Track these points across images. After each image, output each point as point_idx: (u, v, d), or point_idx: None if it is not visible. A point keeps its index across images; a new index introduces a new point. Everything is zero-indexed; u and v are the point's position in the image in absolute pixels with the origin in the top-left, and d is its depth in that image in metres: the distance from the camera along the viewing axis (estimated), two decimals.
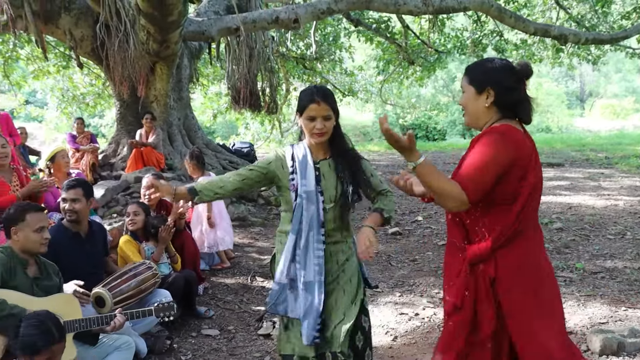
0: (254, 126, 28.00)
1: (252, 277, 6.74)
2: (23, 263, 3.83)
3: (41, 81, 18.59)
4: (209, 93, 22.52)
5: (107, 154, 11.51)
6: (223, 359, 4.77)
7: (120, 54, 9.77)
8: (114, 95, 12.31)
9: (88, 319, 3.83)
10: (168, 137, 11.53)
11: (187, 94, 13.13)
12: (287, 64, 18.85)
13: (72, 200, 4.61)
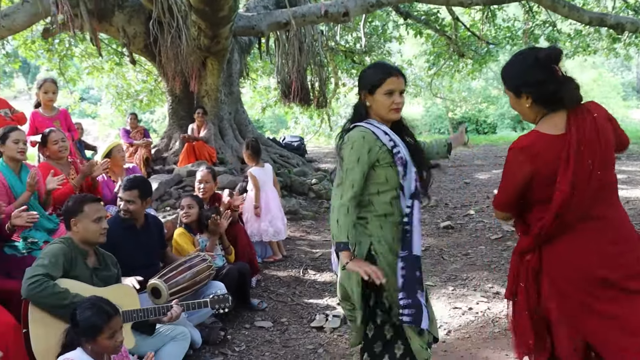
0: (303, 120, 28.04)
1: (304, 270, 6.76)
2: (83, 254, 3.92)
3: (96, 78, 18.94)
4: (258, 87, 22.63)
5: (160, 148, 11.70)
6: (276, 351, 4.79)
7: (173, 49, 9.91)
8: (166, 91, 12.50)
9: (146, 309, 3.90)
10: (219, 132, 11.66)
11: (238, 88, 13.24)
12: (335, 58, 18.80)
13: (127, 202, 4.71)
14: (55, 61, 15.94)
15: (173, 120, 12.06)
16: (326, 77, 16.29)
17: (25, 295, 3.59)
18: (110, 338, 3.10)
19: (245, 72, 14.41)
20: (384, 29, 18.91)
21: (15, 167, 5.04)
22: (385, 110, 3.09)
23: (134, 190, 4.72)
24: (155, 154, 11.31)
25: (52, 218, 5.18)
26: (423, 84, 26.23)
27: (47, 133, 5.65)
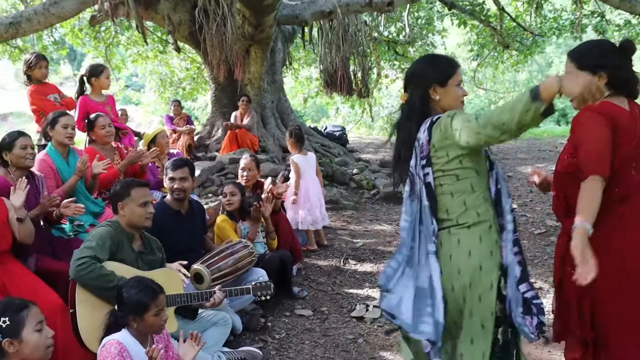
0: (345, 110, 28.01)
1: (345, 260, 6.75)
2: (129, 237, 3.98)
3: (140, 66, 19.17)
4: (300, 77, 22.64)
5: (202, 136, 11.80)
6: (316, 340, 4.80)
7: (218, 37, 9.96)
8: (209, 79, 12.58)
9: (189, 294, 3.94)
10: (261, 120, 11.71)
11: (281, 77, 13.27)
12: (378, 48, 18.68)
13: (180, 179, 4.77)
14: (101, 49, 16.17)
15: (216, 108, 12.15)
16: (369, 68, 16.20)
17: (73, 277, 3.66)
18: (157, 315, 3.15)
19: (288, 61, 14.43)
20: (428, 20, 18.72)
21: (63, 151, 5.12)
22: (456, 102, 2.91)
23: (184, 167, 4.82)
24: (198, 141, 11.41)
25: (98, 202, 5.27)
26: (466, 76, 25.94)
27: (95, 118, 5.72)
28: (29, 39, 15.14)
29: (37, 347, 2.70)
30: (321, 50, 13.83)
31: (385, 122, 30.31)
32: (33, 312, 2.75)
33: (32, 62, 6.53)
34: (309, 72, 22.49)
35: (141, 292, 3.15)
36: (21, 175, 4.52)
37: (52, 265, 4.41)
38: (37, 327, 2.72)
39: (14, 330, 2.66)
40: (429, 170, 2.74)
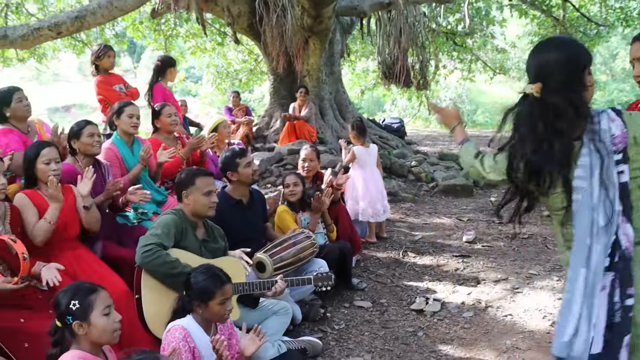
0: (401, 103, 27.84)
1: (404, 253, 6.69)
2: (193, 225, 4.02)
3: (198, 58, 19.41)
4: (357, 69, 22.58)
5: (261, 127, 11.88)
6: (376, 331, 4.77)
7: (278, 29, 9.98)
8: (268, 70, 12.64)
9: (251, 283, 3.96)
10: (320, 111, 11.71)
11: (339, 68, 13.24)
12: (436, 39, 18.46)
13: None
14: (160, 41, 16.42)
15: (274, 99, 12.21)
16: (427, 59, 16.04)
17: (139, 263, 3.72)
18: (221, 304, 3.17)
19: (346, 53, 14.38)
20: (487, 11, 18.39)
21: (128, 140, 5.21)
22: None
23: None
24: (256, 132, 11.49)
25: (161, 190, 5.34)
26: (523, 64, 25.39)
27: (161, 106, 5.81)
28: (92, 32, 15.49)
29: (104, 330, 2.75)
30: (379, 42, 13.74)
31: None
32: (102, 296, 2.80)
33: (100, 52, 6.68)
34: (365, 64, 22.40)
35: (208, 279, 3.18)
36: (88, 163, 4.62)
37: (117, 251, 4.51)
38: (105, 310, 2.76)
39: (83, 313, 2.71)
40: (625, 168, 2.31)
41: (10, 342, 3.41)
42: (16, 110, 4.86)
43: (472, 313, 5.04)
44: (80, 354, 2.70)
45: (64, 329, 2.77)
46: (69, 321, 2.71)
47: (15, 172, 4.58)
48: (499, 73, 22.26)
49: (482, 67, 21.67)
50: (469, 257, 6.46)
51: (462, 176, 10.15)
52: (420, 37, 14.11)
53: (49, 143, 4.20)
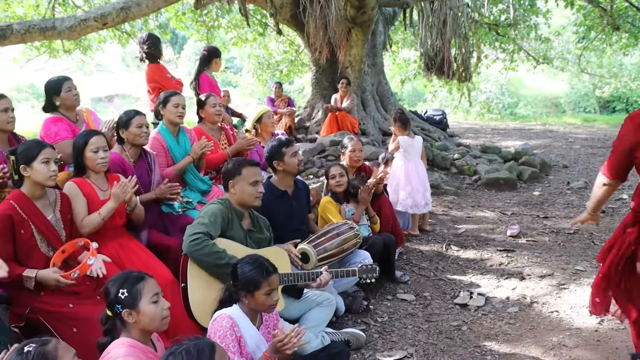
0: (442, 94, 27.55)
1: (447, 246, 6.63)
2: (239, 215, 4.03)
3: (239, 48, 19.48)
4: (398, 60, 22.41)
5: (303, 118, 11.88)
6: (419, 325, 4.73)
7: (321, 19, 9.94)
8: (310, 61, 12.62)
9: (296, 274, 3.95)
10: (361, 103, 11.66)
11: (381, 60, 13.16)
12: (479, 30, 18.20)
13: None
14: (202, 32, 16.51)
15: (316, 90, 12.18)
16: (470, 51, 15.83)
17: (186, 252, 3.74)
18: (268, 295, 3.16)
19: (389, 44, 14.27)
20: (532, 2, 18.04)
21: (174, 130, 5.24)
22: None
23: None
24: (298, 123, 11.49)
25: (206, 180, 5.36)
26: (571, 57, 24.90)
27: (207, 96, 5.83)
28: (136, 23, 15.67)
29: (153, 317, 2.77)
30: (422, 33, 13.61)
31: (482, 107, 29.64)
32: (150, 284, 2.82)
33: (154, 41, 6.87)
34: (406, 54, 22.22)
35: (255, 269, 3.17)
36: (136, 153, 4.67)
37: (162, 240, 4.55)
38: (154, 298, 2.78)
39: (132, 301, 2.73)
40: None
41: (60, 327, 3.48)
42: (65, 100, 4.93)
43: (517, 308, 4.96)
44: (131, 342, 2.73)
45: (115, 318, 2.80)
46: (119, 310, 2.74)
47: (64, 160, 4.64)
48: (542, 63, 21.80)
49: (525, 57, 21.30)
50: (513, 252, 6.36)
51: (505, 169, 10.02)
52: (463, 28, 13.92)
53: (97, 131, 4.24)
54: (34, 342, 2.21)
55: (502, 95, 32.74)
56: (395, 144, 6.93)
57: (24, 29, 10.70)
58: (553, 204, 8.52)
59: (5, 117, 4.45)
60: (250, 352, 3.13)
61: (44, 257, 3.70)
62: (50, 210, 3.80)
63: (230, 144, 5.98)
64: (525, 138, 15.63)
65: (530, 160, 10.62)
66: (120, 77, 44.07)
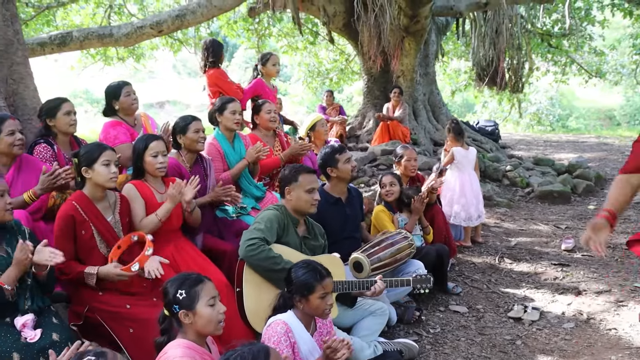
0: (492, 105, 27.27)
1: (500, 258, 6.53)
2: (294, 222, 4.04)
3: (289, 56, 19.62)
4: (448, 70, 22.27)
5: (353, 126, 11.88)
6: (472, 337, 4.66)
7: (375, 28, 9.93)
8: (362, 70, 12.63)
9: (350, 282, 3.94)
10: (413, 112, 11.62)
11: (433, 69, 13.10)
12: (531, 41, 17.92)
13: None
14: (253, 40, 16.68)
15: (368, 99, 12.17)
16: (523, 61, 15.62)
17: (242, 257, 3.77)
18: (322, 299, 3.16)
19: (441, 54, 14.19)
20: (587, 12, 17.69)
21: (229, 136, 5.29)
22: None
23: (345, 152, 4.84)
24: (349, 132, 11.48)
25: (259, 186, 5.39)
26: (625, 71, 24.35)
27: (262, 103, 5.88)
28: (189, 31, 15.93)
29: (209, 320, 2.79)
30: (474, 43, 13.52)
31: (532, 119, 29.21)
32: (207, 287, 2.85)
33: (220, 49, 7.00)
34: (457, 64, 22.06)
35: (308, 273, 3.18)
36: (192, 158, 4.73)
37: (217, 244, 4.59)
38: (211, 301, 2.81)
39: (190, 302, 2.76)
40: None
41: (117, 327, 3.53)
42: (124, 104, 5.04)
43: (573, 324, 4.84)
44: (187, 343, 2.75)
45: (172, 318, 2.83)
46: (176, 310, 2.77)
47: (122, 163, 4.73)
48: (594, 76, 21.36)
49: (577, 70, 20.91)
50: (569, 266, 6.23)
51: (559, 182, 9.83)
52: (517, 38, 13.76)
53: (156, 136, 4.30)
54: (91, 353, 2.22)
55: (552, 107, 32.24)
56: (449, 156, 6.86)
57: (83, 36, 11.01)
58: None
59: (68, 120, 4.59)
60: (304, 359, 3.13)
61: (103, 258, 3.77)
62: (110, 212, 3.87)
63: (284, 149, 6.01)
64: (579, 151, 15.31)
65: (584, 173, 10.40)
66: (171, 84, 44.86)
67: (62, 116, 4.56)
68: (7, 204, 3.28)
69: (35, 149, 4.55)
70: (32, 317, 3.29)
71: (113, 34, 10.94)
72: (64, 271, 3.63)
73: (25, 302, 3.35)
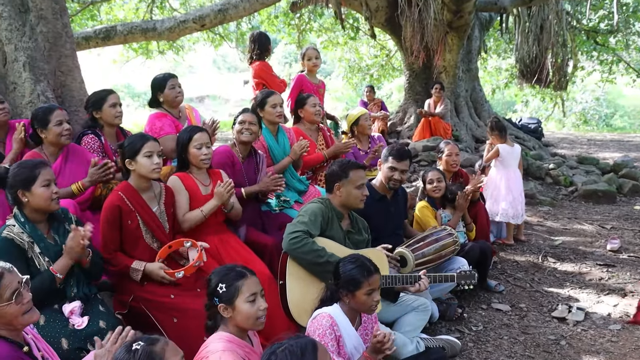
0: (534, 103, 26.84)
1: (544, 257, 6.44)
2: (339, 216, 4.04)
3: (330, 52, 19.60)
4: (489, 68, 21.98)
5: (394, 122, 11.81)
6: (515, 336, 4.60)
7: (419, 23, 9.85)
8: (403, 65, 12.54)
9: (394, 277, 3.91)
10: (455, 108, 11.50)
11: (476, 65, 12.94)
12: (577, 38, 17.55)
13: (402, 171, 4.72)
14: (293, 35, 16.70)
15: (409, 94, 12.08)
16: (567, 59, 15.34)
17: (286, 249, 3.77)
18: (368, 295, 3.14)
19: (484, 50, 14.02)
20: (636, 8, 17.27)
21: (273, 129, 5.31)
22: None
23: (406, 160, 4.74)
24: (390, 127, 11.41)
25: (303, 180, 5.40)
26: None
27: (306, 96, 5.88)
28: (229, 25, 16.03)
29: (247, 317, 2.77)
30: (518, 39, 13.31)
31: (578, 119, 28.65)
32: (250, 282, 2.82)
33: (265, 41, 7.06)
34: (498, 62, 21.76)
35: (357, 268, 3.16)
36: (245, 150, 4.79)
37: (260, 238, 4.60)
38: (250, 298, 2.78)
39: (229, 297, 2.76)
40: None
41: (161, 316, 3.57)
42: (169, 96, 5.09)
43: (619, 326, 4.74)
44: (228, 337, 2.75)
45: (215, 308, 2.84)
46: (216, 302, 2.77)
47: (166, 155, 4.78)
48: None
49: (625, 69, 20.42)
50: (614, 267, 6.11)
51: (604, 181, 9.64)
52: (562, 35, 13.50)
53: (201, 128, 4.33)
54: (142, 339, 2.21)
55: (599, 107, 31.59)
56: (494, 152, 6.77)
57: (127, 30, 11.16)
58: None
59: (113, 112, 4.68)
60: (348, 353, 3.12)
61: (149, 248, 3.82)
62: (155, 202, 3.91)
63: (328, 144, 6.01)
64: (624, 150, 14.98)
65: (630, 172, 10.17)
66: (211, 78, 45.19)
67: (108, 108, 4.65)
68: (53, 193, 3.32)
69: (83, 140, 4.64)
70: (80, 304, 3.34)
71: (156, 28, 11.05)
72: (111, 262, 3.69)
73: (71, 289, 3.40)
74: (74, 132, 4.75)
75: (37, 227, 3.34)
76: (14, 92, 5.21)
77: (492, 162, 6.86)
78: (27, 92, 5.15)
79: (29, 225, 3.30)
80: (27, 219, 3.31)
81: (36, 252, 3.28)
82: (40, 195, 3.28)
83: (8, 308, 2.35)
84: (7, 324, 2.39)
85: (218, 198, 4.03)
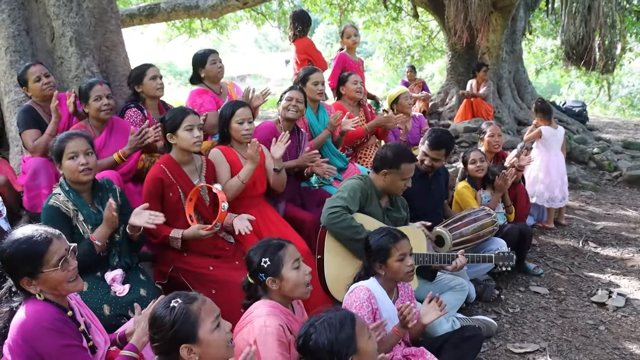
0: (579, 87, 26.31)
1: (584, 242, 6.35)
2: (378, 193, 4.05)
3: (371, 32, 19.45)
4: (534, 49, 21.57)
5: (436, 103, 11.72)
6: (552, 319, 4.56)
7: (463, 2, 9.71)
8: (446, 46, 12.41)
9: (432, 255, 3.91)
10: (497, 90, 11.36)
11: (520, 47, 12.74)
12: (626, 19, 17.06)
13: (433, 159, 4.72)
14: (335, 15, 16.61)
15: (451, 75, 11.97)
16: (615, 41, 14.94)
17: (324, 224, 3.80)
18: (401, 261, 3.18)
19: (529, 31, 13.76)
20: None
21: (314, 106, 5.33)
22: None
23: (442, 149, 4.71)
24: (431, 108, 11.33)
25: (343, 156, 5.40)
26: None
27: (348, 74, 5.89)
28: (271, 4, 16.02)
29: (297, 283, 2.82)
30: (564, 20, 13.00)
31: (624, 102, 27.99)
32: (290, 250, 2.87)
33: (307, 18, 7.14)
34: (543, 43, 21.34)
35: (383, 237, 3.22)
36: (289, 127, 4.79)
37: (298, 214, 4.63)
38: (295, 264, 2.83)
39: (275, 269, 2.79)
40: None
41: (199, 287, 3.61)
42: (210, 72, 5.14)
43: None
44: (272, 303, 2.79)
45: (257, 285, 2.87)
46: (262, 278, 2.80)
47: (207, 130, 4.84)
48: None
49: None
50: None
51: None
52: (611, 16, 13.14)
53: (243, 103, 4.36)
54: (180, 296, 2.25)
55: None
56: (536, 133, 6.67)
57: (170, 8, 11.25)
58: None
59: (154, 84, 4.77)
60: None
61: None
62: (196, 175, 3.97)
63: (368, 120, 6.00)
64: None
65: None
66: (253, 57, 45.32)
67: (149, 81, 4.75)
68: (80, 164, 3.35)
69: (126, 113, 4.74)
70: (121, 273, 3.42)
71: (199, 5, 11.12)
72: (152, 233, 3.73)
73: (114, 258, 3.48)
74: (118, 107, 4.84)
75: (81, 195, 3.42)
76: (61, 66, 5.32)
77: (534, 144, 6.76)
78: (73, 66, 5.26)
79: (72, 194, 3.38)
80: (71, 188, 3.39)
81: (80, 220, 3.36)
82: (67, 168, 3.36)
83: (54, 274, 2.42)
84: (52, 288, 2.46)
85: (251, 161, 4.04)
